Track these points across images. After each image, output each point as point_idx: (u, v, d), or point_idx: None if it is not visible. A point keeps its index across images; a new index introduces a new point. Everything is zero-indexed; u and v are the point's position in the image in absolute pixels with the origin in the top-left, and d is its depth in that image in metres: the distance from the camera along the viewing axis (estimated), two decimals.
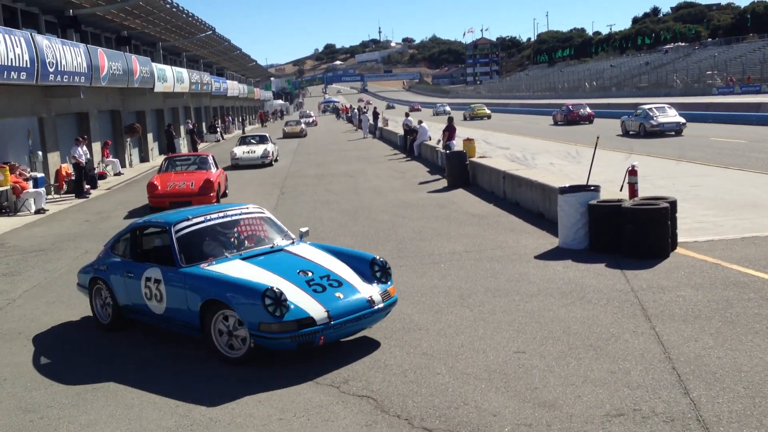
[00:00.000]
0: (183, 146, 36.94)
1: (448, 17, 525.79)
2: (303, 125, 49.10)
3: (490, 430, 4.83)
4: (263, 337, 6.03)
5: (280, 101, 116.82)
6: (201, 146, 38.00)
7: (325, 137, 45.48)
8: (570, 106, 43.21)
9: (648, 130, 28.77)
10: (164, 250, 7.23)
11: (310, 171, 24.19)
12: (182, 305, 6.69)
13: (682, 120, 28.74)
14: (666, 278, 8.04)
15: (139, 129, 29.73)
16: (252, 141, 28.70)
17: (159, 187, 16.19)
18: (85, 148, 21.10)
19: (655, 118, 28.85)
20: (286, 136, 45.77)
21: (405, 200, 15.95)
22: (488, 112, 59.23)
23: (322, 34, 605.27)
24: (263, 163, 26.33)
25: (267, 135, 29.61)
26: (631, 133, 30.41)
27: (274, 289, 6.08)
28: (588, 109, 41.83)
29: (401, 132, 31.06)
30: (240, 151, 26.95)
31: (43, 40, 18.54)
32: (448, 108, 72.94)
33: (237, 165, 26.03)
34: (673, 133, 28.15)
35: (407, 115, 31.55)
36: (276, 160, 27.98)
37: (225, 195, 18.46)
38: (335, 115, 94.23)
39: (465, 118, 57.33)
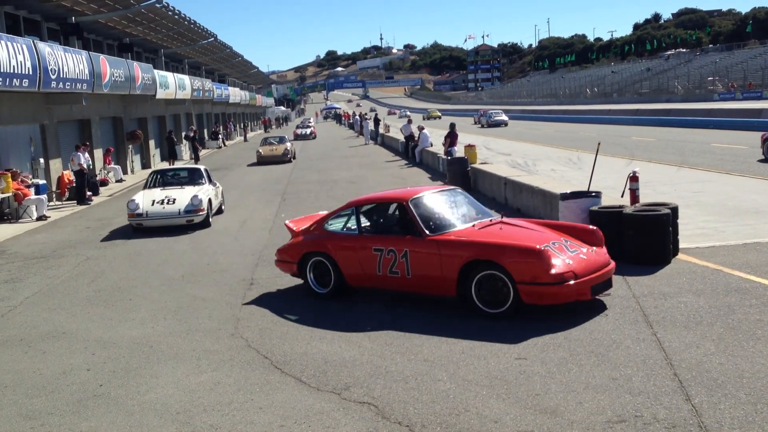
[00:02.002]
0: (184, 153, 37.04)
1: (450, 24, 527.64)
2: (288, 144, 33.32)
3: None
4: None
5: (282, 108, 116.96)
6: (202, 153, 38.04)
7: (327, 144, 45.55)
8: (489, 112, 61.26)
9: (489, 123, 55.00)
10: None
11: (312, 177, 24.21)
12: None
13: (506, 119, 56.22)
14: (667, 284, 8.03)
15: (141, 136, 29.82)
16: (173, 180, 16.45)
17: None
18: (87, 154, 21.15)
19: (492, 117, 56.07)
20: (262, 161, 31.69)
21: None
22: (439, 114, 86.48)
23: (323, 40, 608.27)
24: (189, 222, 14.54)
25: (202, 169, 16.88)
26: (482, 126, 55.48)
27: None
28: (504, 116, 59.40)
29: (402, 138, 31.11)
30: (147, 200, 14.77)
31: (45, 48, 18.61)
32: (408, 113, 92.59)
33: (140, 227, 14.55)
34: (502, 125, 53.73)
35: (410, 121, 31.53)
36: (221, 211, 16.65)
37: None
38: (336, 122, 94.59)
39: (423, 119, 77.97)
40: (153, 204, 14.59)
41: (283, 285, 9.48)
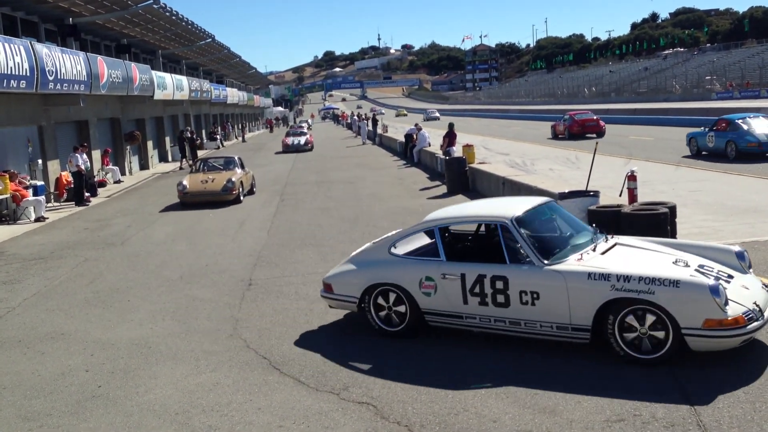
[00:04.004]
0: None
1: (447, 24, 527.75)
2: (237, 172, 19.52)
3: None
4: None
5: (280, 108, 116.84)
6: (200, 153, 37.94)
7: (326, 145, 45.53)
8: (428, 111, 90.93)
9: (428, 118, 79.13)
10: None
11: (310, 178, 24.21)
12: None
13: (438, 115, 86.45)
14: None
15: (139, 137, 29.78)
16: None
17: None
18: (85, 156, 21.12)
19: (430, 114, 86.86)
20: (186, 201, 18.51)
21: (405, 207, 15.95)
22: (405, 112, 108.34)
23: (321, 41, 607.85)
24: None
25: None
26: (425, 120, 75.55)
27: None
28: (437, 113, 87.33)
29: (401, 138, 31.10)
30: None
31: (42, 49, 18.58)
32: (383, 110, 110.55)
33: None
34: (436, 120, 75.57)
35: (416, 125, 31.35)
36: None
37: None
38: (334, 122, 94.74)
39: (396, 115, 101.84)
40: None
41: (281, 286, 9.48)
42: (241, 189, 19.02)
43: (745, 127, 20.36)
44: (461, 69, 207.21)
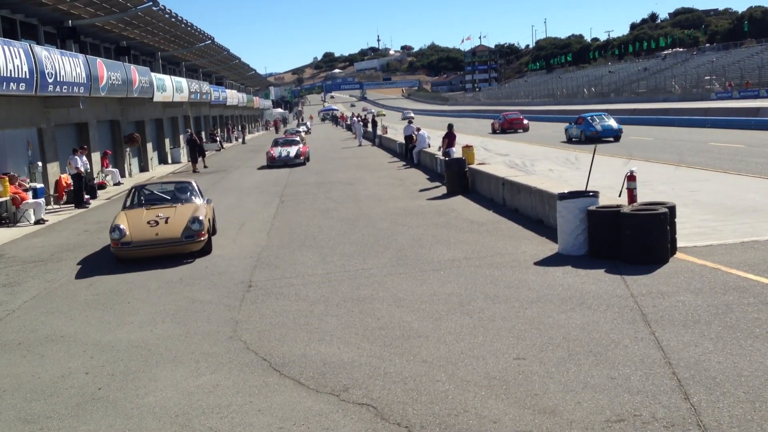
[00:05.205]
0: (182, 155, 36.98)
1: (447, 25, 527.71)
2: (200, 205, 12.83)
3: None
4: None
5: (280, 110, 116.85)
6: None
7: (324, 146, 45.55)
8: (404, 111, 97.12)
9: (404, 117, 74.00)
10: None
11: (310, 179, 24.21)
12: None
13: (413, 115, 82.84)
14: (665, 283, 8.04)
15: (139, 139, 29.78)
16: None
17: None
18: (84, 158, 21.13)
19: (406, 114, 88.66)
20: (129, 252, 11.57)
21: (404, 207, 15.96)
22: (384, 113, 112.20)
23: (320, 42, 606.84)
24: None
25: None
26: (402, 119, 71.57)
27: None
28: (411, 114, 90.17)
29: (401, 139, 31.15)
30: None
31: (42, 51, 18.60)
32: (374, 110, 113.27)
33: None
34: (411, 117, 59.34)
35: (410, 122, 31.62)
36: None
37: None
38: (333, 123, 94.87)
39: (376, 115, 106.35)
40: None
41: (281, 287, 9.47)
42: (204, 231, 11.93)
43: (590, 121, 31.53)
44: (461, 70, 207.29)
